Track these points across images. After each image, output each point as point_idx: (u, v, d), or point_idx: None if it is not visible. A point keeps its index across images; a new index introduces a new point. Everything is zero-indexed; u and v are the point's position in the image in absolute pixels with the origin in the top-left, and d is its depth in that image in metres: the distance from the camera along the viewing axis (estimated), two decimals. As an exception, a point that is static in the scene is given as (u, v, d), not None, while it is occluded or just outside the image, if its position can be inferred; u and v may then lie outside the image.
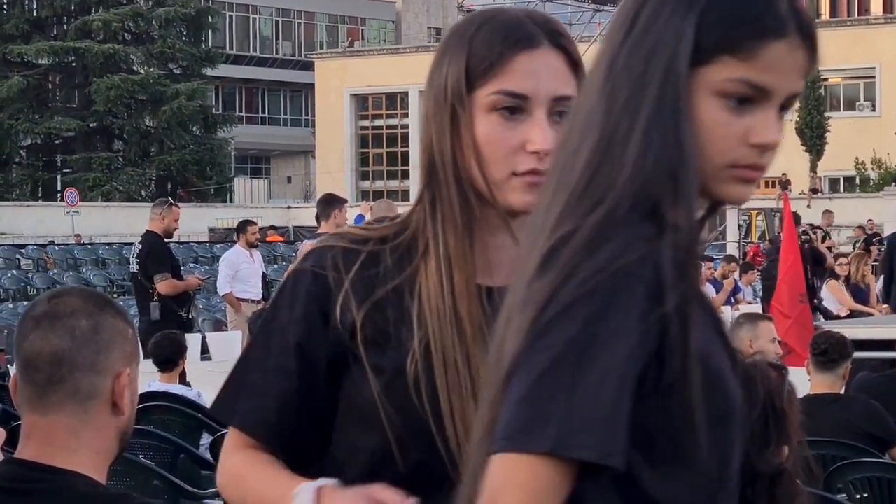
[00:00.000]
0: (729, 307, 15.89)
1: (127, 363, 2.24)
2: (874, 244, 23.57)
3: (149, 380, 7.08)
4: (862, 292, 16.09)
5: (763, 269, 17.71)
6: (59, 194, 47.85)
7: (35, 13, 52.22)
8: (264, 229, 26.84)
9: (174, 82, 50.49)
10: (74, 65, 50.65)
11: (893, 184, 39.86)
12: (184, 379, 7.58)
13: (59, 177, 52.19)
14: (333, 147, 54.13)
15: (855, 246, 25.43)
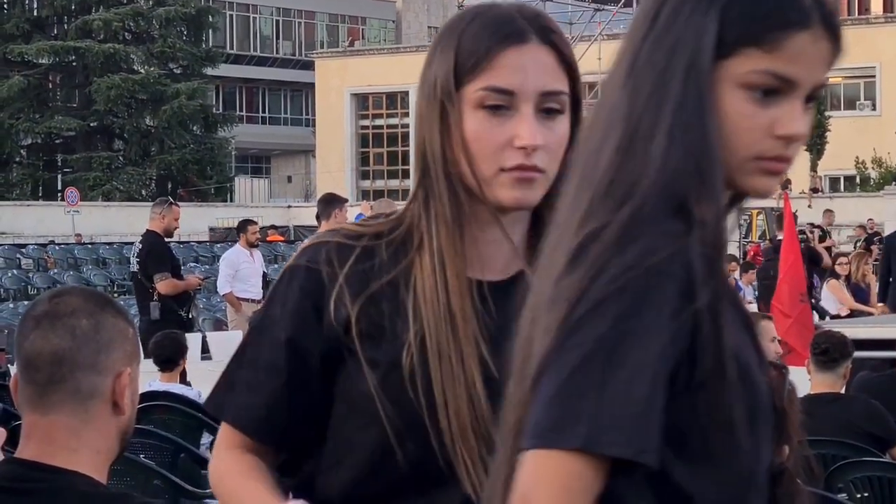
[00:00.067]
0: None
1: (127, 363, 2.24)
2: (875, 243, 23.56)
3: (149, 379, 7.08)
4: (862, 292, 16.08)
5: (760, 269, 17.69)
6: (59, 194, 47.85)
7: (35, 13, 52.22)
8: (265, 229, 26.83)
9: (174, 82, 50.48)
10: (75, 64, 50.65)
11: (894, 183, 39.84)
12: (184, 378, 7.59)
13: (59, 176, 52.19)
14: (334, 146, 54.11)
15: (856, 245, 25.42)
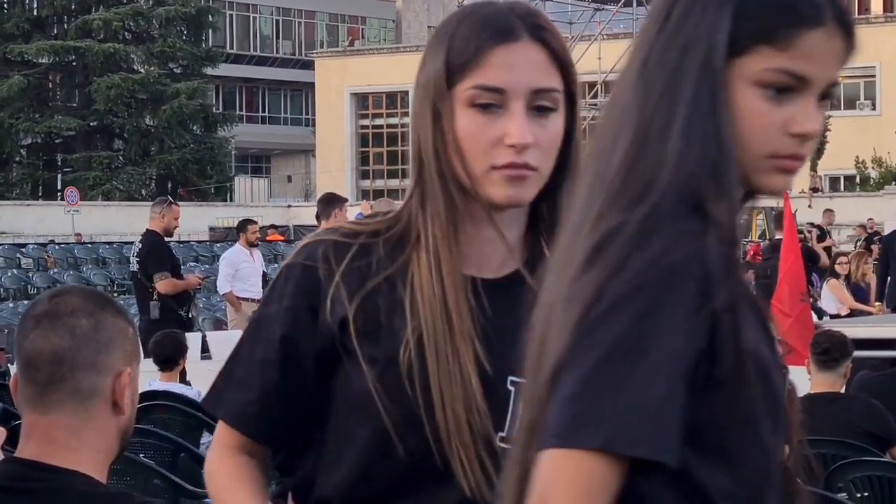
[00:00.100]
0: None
1: (127, 362, 2.24)
2: (875, 243, 23.55)
3: (149, 379, 7.08)
4: (862, 291, 16.07)
5: (758, 268, 17.67)
6: (59, 193, 47.85)
7: (35, 12, 52.22)
8: (264, 228, 26.83)
9: (174, 81, 50.49)
10: (75, 64, 50.65)
11: (894, 182, 39.84)
12: (184, 378, 7.59)
13: (59, 176, 52.18)
14: (334, 146, 54.11)
15: (856, 245, 25.42)
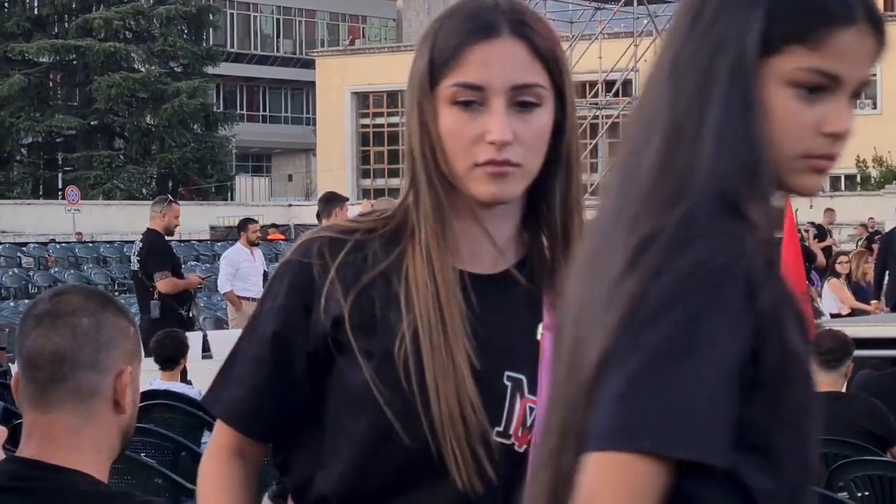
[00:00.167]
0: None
1: (128, 361, 2.24)
2: (876, 242, 23.54)
3: (150, 378, 7.08)
4: (863, 290, 16.05)
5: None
6: (60, 192, 47.84)
7: (36, 11, 52.21)
8: (265, 227, 26.81)
9: (175, 80, 50.48)
10: (75, 63, 50.65)
11: (894, 182, 39.83)
12: (185, 377, 7.59)
13: (60, 175, 52.18)
14: (334, 145, 54.11)
15: (857, 244, 25.42)
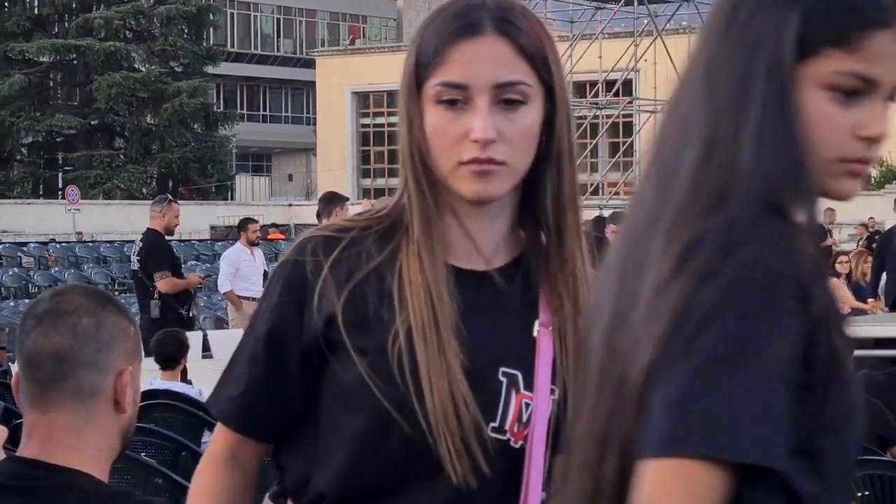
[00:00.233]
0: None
1: (129, 361, 2.24)
2: (876, 242, 23.54)
3: (150, 378, 7.08)
4: (863, 290, 16.06)
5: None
6: (60, 192, 47.84)
7: (36, 11, 52.20)
8: (265, 227, 26.82)
9: (175, 80, 50.48)
10: (76, 62, 50.64)
11: (894, 181, 39.81)
12: (185, 377, 7.59)
13: (60, 174, 52.17)
14: (335, 145, 54.09)
15: (858, 244, 25.42)
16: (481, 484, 1.85)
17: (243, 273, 12.98)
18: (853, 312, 15.07)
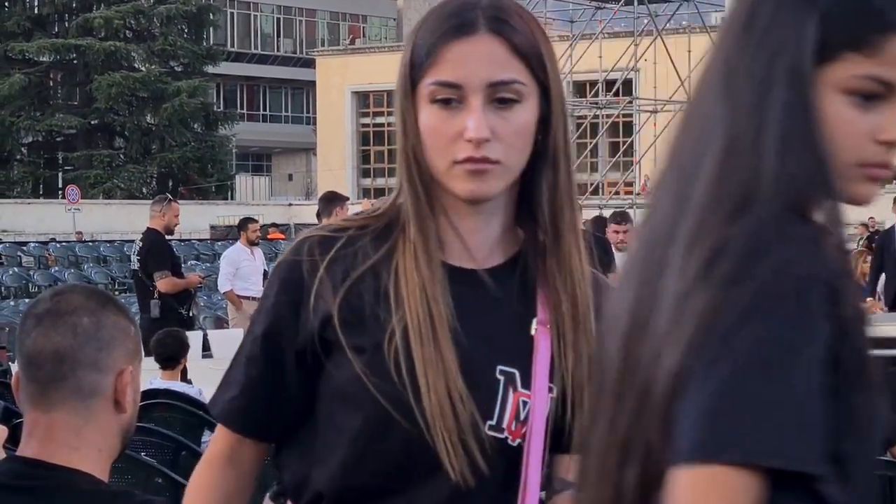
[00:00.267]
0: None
1: (129, 361, 2.24)
2: (876, 241, 23.54)
3: (150, 377, 7.08)
4: (863, 290, 16.07)
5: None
6: (60, 192, 47.86)
7: (36, 10, 52.22)
8: (265, 227, 26.83)
9: (175, 80, 50.49)
10: (76, 62, 50.65)
11: (895, 181, 39.78)
12: (185, 376, 7.59)
13: (60, 174, 52.19)
14: (335, 144, 54.10)
15: (858, 243, 25.43)
16: (479, 482, 1.85)
17: (243, 273, 12.99)
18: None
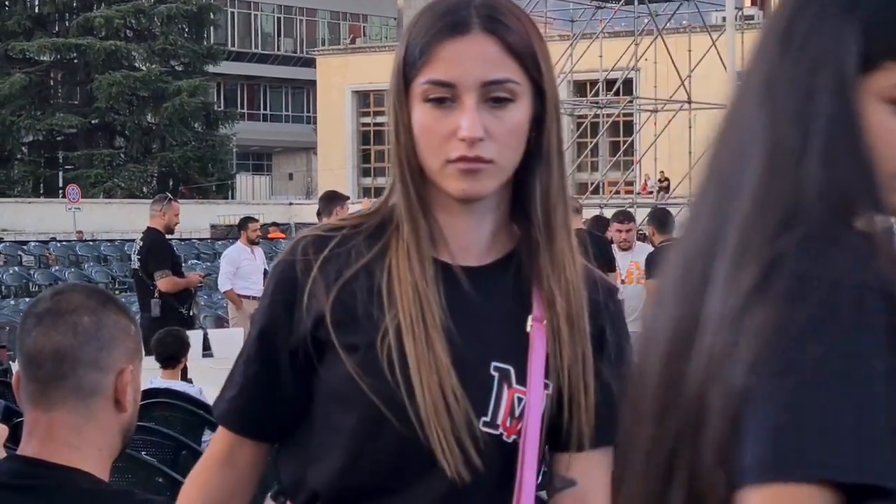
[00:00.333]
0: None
1: (129, 360, 2.25)
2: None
3: (150, 376, 7.09)
4: None
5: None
6: (60, 191, 47.87)
7: (37, 9, 52.21)
8: (266, 226, 26.84)
9: (176, 79, 50.50)
10: (76, 61, 50.66)
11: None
12: (185, 375, 7.60)
13: (60, 173, 52.20)
14: (335, 144, 54.10)
15: None
16: (475, 479, 1.85)
17: (243, 272, 13.00)
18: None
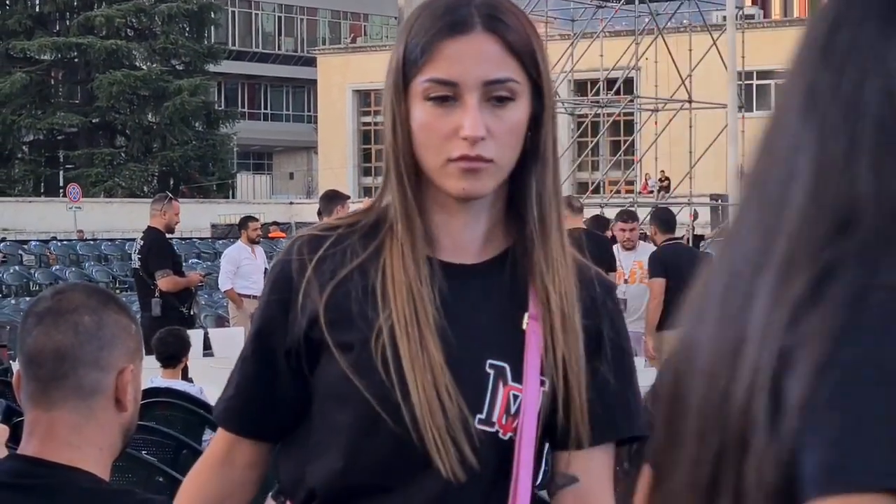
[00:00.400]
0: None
1: (130, 359, 2.25)
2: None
3: (151, 376, 7.09)
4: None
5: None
6: (61, 190, 47.88)
7: (37, 9, 52.22)
8: (266, 225, 26.86)
9: (176, 78, 50.52)
10: (77, 60, 50.67)
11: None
12: (186, 375, 7.60)
13: (61, 173, 52.21)
14: (336, 143, 54.11)
15: None
16: (471, 477, 1.85)
17: (244, 271, 13.00)
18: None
